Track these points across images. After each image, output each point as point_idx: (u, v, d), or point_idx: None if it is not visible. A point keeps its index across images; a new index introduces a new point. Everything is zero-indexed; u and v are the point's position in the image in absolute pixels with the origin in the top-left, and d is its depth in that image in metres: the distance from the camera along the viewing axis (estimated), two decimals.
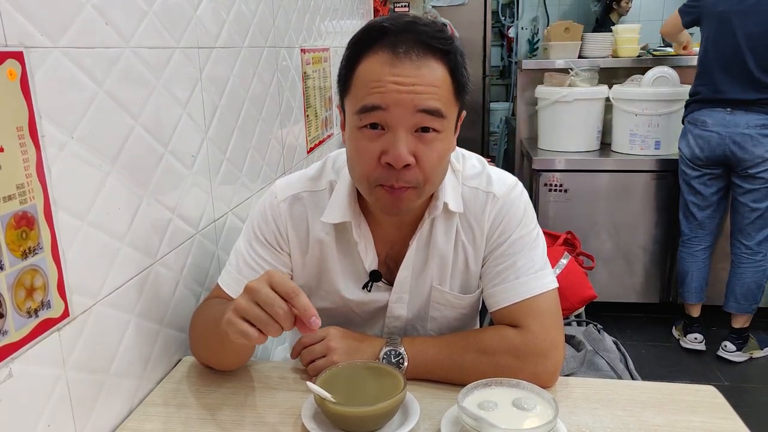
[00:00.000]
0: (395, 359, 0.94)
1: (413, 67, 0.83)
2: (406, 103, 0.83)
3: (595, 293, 1.76)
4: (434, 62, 0.84)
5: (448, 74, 0.86)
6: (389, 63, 0.83)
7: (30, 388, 0.72)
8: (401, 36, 0.84)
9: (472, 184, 1.01)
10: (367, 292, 1.03)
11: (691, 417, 0.87)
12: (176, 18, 1.06)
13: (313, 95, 1.92)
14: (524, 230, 0.99)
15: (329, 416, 0.83)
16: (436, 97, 0.84)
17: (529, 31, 4.68)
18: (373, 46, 0.85)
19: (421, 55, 0.84)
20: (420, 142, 0.86)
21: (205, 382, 1.00)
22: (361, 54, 0.86)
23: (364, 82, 0.85)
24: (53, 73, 0.74)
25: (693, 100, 2.56)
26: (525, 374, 0.89)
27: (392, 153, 0.84)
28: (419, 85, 0.83)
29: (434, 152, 0.87)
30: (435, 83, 0.84)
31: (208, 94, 1.18)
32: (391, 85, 0.83)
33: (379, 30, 0.85)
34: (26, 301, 0.70)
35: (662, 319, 2.97)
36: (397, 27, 0.85)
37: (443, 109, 0.85)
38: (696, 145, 2.52)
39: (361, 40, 0.87)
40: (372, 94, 0.84)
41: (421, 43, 0.84)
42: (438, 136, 0.87)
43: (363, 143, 0.87)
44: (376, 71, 0.84)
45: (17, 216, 0.68)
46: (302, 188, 1.03)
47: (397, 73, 0.83)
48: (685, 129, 2.60)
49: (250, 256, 1.02)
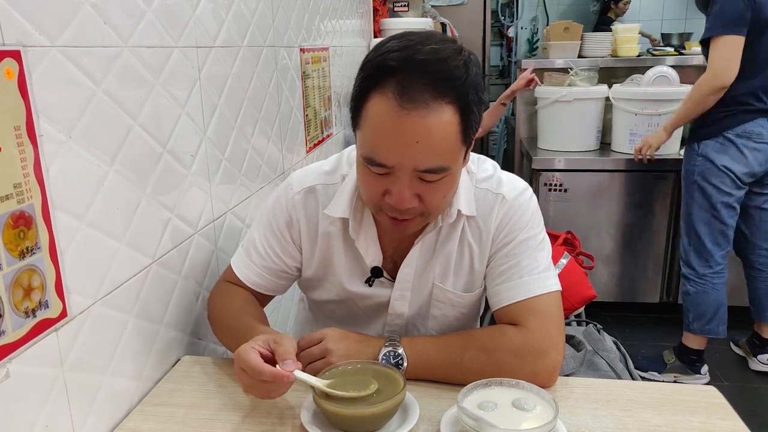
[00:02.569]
0: (394, 360, 0.94)
1: (419, 117, 0.79)
2: (409, 163, 0.82)
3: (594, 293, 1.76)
4: (444, 105, 0.80)
5: (457, 117, 0.81)
6: (395, 111, 0.79)
7: (27, 388, 0.72)
8: (409, 77, 0.79)
9: (483, 186, 1.01)
10: (368, 286, 1.03)
11: (690, 417, 0.87)
12: (175, 17, 1.06)
13: (312, 95, 1.92)
14: (531, 232, 0.99)
15: (328, 416, 0.83)
16: (440, 154, 0.82)
17: (529, 30, 4.68)
18: (380, 83, 0.81)
19: (430, 100, 0.79)
20: (424, 185, 0.85)
21: (203, 382, 1.00)
22: (370, 89, 0.82)
23: (372, 130, 0.83)
24: (51, 73, 0.74)
25: (741, 110, 2.19)
26: (524, 372, 0.89)
27: (395, 197, 0.85)
28: (423, 141, 0.80)
29: (439, 193, 0.87)
30: (441, 136, 0.81)
31: (206, 93, 1.18)
32: (395, 144, 0.81)
33: (386, 69, 0.80)
34: (24, 301, 0.70)
35: (662, 319, 2.97)
36: (407, 66, 0.79)
37: (447, 164, 0.84)
38: (755, 160, 2.21)
39: (369, 75, 0.83)
40: (377, 150, 0.83)
41: (431, 87, 0.79)
42: (443, 179, 0.86)
43: (369, 178, 0.87)
44: (382, 121, 0.81)
45: (15, 215, 0.68)
46: (317, 181, 1.04)
47: (401, 130, 0.80)
48: (732, 143, 2.22)
49: (262, 245, 1.06)
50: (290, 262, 1.07)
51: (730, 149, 2.23)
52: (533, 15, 4.67)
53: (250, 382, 0.83)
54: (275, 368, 0.81)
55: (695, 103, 2.21)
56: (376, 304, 1.06)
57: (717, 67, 2.11)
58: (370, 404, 0.81)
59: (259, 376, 0.81)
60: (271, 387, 0.82)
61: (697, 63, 3.13)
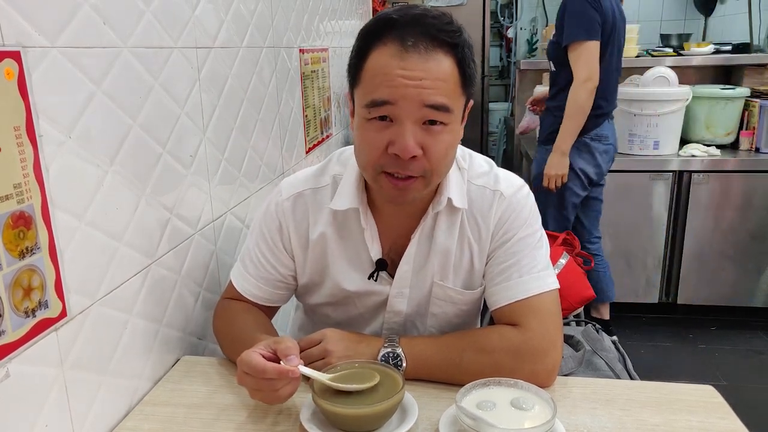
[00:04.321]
0: (393, 360, 0.94)
1: (421, 60, 0.83)
2: (414, 98, 0.84)
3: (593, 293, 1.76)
4: (442, 55, 0.85)
5: (455, 66, 0.86)
6: (398, 56, 0.84)
7: (27, 388, 0.72)
8: (410, 28, 0.84)
9: (479, 183, 1.02)
10: (372, 282, 1.03)
11: (689, 417, 0.87)
12: (174, 18, 1.06)
13: (311, 95, 1.92)
14: (529, 230, 1.00)
15: (328, 416, 0.83)
16: (443, 91, 0.85)
17: (528, 31, 4.68)
18: (382, 38, 0.86)
19: (429, 47, 0.84)
20: (427, 133, 0.87)
21: (203, 382, 1.00)
22: (371, 45, 0.87)
23: (373, 75, 0.86)
24: (51, 73, 0.74)
25: (595, 114, 2.32)
26: (523, 373, 0.89)
27: (399, 144, 0.85)
28: (426, 79, 0.84)
29: (441, 144, 0.88)
30: (442, 77, 0.85)
31: (206, 94, 1.18)
32: (400, 80, 0.84)
33: (388, 22, 0.86)
34: (24, 300, 0.70)
35: (661, 319, 2.97)
36: (406, 19, 0.85)
37: (450, 103, 0.86)
38: (603, 160, 2.41)
39: (370, 31, 0.88)
40: (380, 88, 0.85)
41: (429, 36, 0.84)
42: (445, 129, 0.88)
43: (371, 134, 0.88)
44: (385, 64, 0.85)
45: (14, 216, 0.68)
46: (306, 186, 1.05)
47: (405, 66, 0.83)
48: (587, 147, 2.37)
49: (256, 255, 1.06)
50: (284, 271, 1.06)
51: (584, 153, 2.38)
52: (533, 16, 4.67)
53: (255, 383, 0.83)
54: (278, 364, 0.82)
55: (578, 111, 2.27)
56: (375, 303, 1.06)
57: (589, 69, 2.22)
58: (369, 404, 0.81)
59: (262, 375, 0.81)
60: (276, 385, 0.82)
61: (696, 64, 3.13)
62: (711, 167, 2.75)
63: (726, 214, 2.78)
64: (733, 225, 2.79)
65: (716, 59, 3.12)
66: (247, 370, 0.82)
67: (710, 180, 2.76)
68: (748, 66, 3.04)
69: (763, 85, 2.97)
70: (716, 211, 2.79)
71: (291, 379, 0.82)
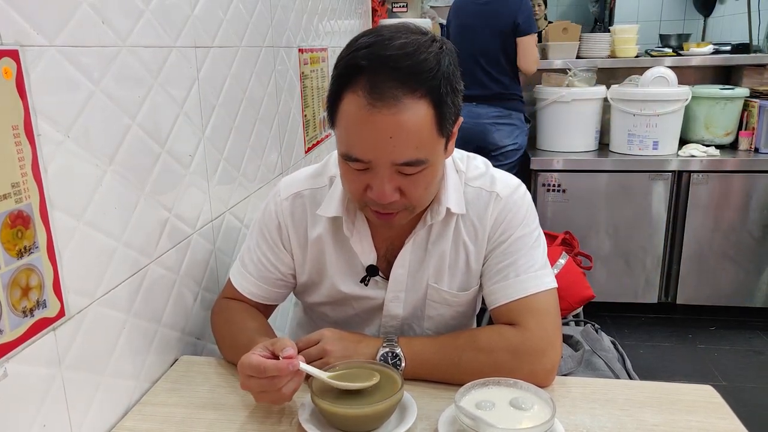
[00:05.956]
0: (392, 360, 0.94)
1: (390, 114, 0.79)
2: (385, 158, 0.82)
3: (593, 293, 1.76)
4: (415, 100, 0.80)
5: (431, 110, 0.81)
6: (366, 109, 0.79)
7: (25, 387, 0.72)
8: (379, 75, 0.79)
9: (475, 184, 1.01)
10: (364, 286, 1.03)
11: (688, 417, 0.87)
12: (173, 17, 1.06)
13: (310, 95, 1.92)
14: (526, 229, 0.99)
15: (326, 416, 0.83)
16: (415, 145, 0.82)
17: None
18: (351, 83, 0.81)
19: (399, 96, 0.79)
20: (404, 177, 0.85)
21: (201, 382, 1.00)
22: (342, 89, 0.83)
23: (346, 127, 0.84)
24: (49, 72, 0.74)
25: None
26: (522, 372, 0.89)
27: (376, 191, 0.85)
28: (397, 136, 0.80)
29: (420, 185, 0.87)
30: (414, 129, 0.80)
31: (205, 93, 1.18)
32: (369, 141, 0.81)
33: (356, 68, 0.81)
34: (21, 300, 0.70)
35: (660, 319, 2.97)
36: (375, 65, 0.79)
37: (423, 155, 0.83)
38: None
39: (341, 74, 0.83)
40: (352, 146, 0.84)
41: (399, 83, 0.79)
42: (424, 170, 0.85)
43: (350, 175, 0.88)
44: (355, 118, 0.81)
45: (12, 215, 0.68)
46: (304, 186, 1.05)
47: (374, 123, 0.80)
48: None
49: (256, 254, 1.06)
50: (284, 270, 1.07)
51: None
52: None
53: (258, 385, 0.83)
54: (278, 361, 0.81)
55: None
56: (371, 306, 1.06)
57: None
58: (368, 404, 0.81)
59: (263, 373, 0.81)
60: (279, 383, 0.82)
61: (696, 64, 3.13)
62: (710, 167, 2.75)
63: (725, 214, 2.78)
64: (732, 225, 2.79)
65: (715, 59, 3.12)
66: (248, 371, 0.82)
67: (709, 180, 2.76)
68: (747, 66, 3.04)
69: (762, 86, 2.97)
70: (715, 211, 2.79)
71: (293, 375, 0.82)
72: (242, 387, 0.85)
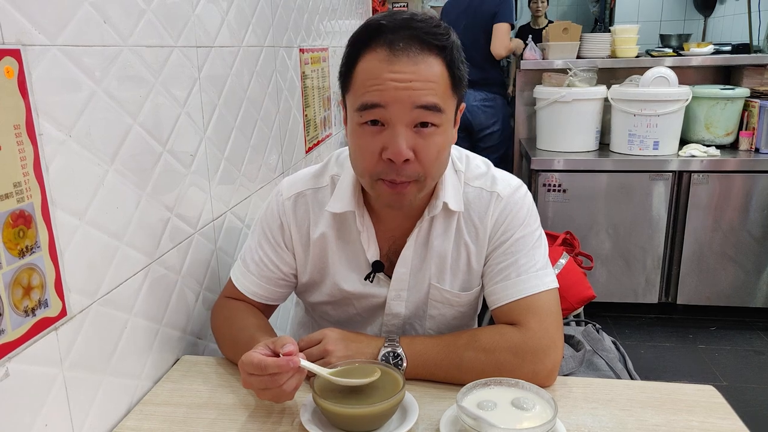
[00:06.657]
0: (394, 360, 0.94)
1: (410, 63, 0.84)
2: (404, 100, 0.84)
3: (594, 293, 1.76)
4: (431, 58, 0.86)
5: (445, 69, 0.87)
6: (387, 60, 0.85)
7: (27, 387, 0.72)
8: (398, 33, 0.85)
9: (476, 184, 1.02)
10: (369, 283, 1.04)
11: (689, 417, 0.87)
12: (175, 17, 1.06)
13: (311, 95, 1.92)
14: (527, 229, 1.00)
15: (328, 416, 0.83)
16: (433, 92, 0.86)
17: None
18: (371, 44, 0.86)
19: (418, 51, 0.85)
20: (419, 136, 0.87)
21: (203, 381, 1.00)
22: (360, 52, 0.88)
23: (364, 80, 0.87)
24: (51, 72, 0.74)
25: None
26: (524, 372, 0.90)
27: (392, 149, 0.86)
28: (417, 81, 0.84)
29: (433, 146, 0.88)
30: (432, 79, 0.85)
31: (206, 93, 1.18)
32: (390, 83, 0.84)
33: (376, 28, 0.87)
34: (23, 299, 0.70)
35: (661, 319, 2.97)
36: (394, 24, 0.86)
37: (441, 103, 0.86)
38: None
39: (359, 38, 0.88)
40: (371, 91, 0.85)
41: (418, 40, 0.85)
42: (437, 131, 0.88)
43: (364, 139, 0.89)
44: (375, 69, 0.85)
45: (14, 214, 0.68)
46: (306, 186, 1.05)
47: (394, 69, 0.84)
48: None
49: (258, 254, 1.06)
50: (286, 269, 1.07)
51: None
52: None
53: (260, 382, 0.83)
54: (278, 358, 0.82)
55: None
56: (373, 304, 1.06)
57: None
58: (369, 403, 0.81)
59: (264, 371, 0.81)
60: (280, 380, 0.82)
61: (696, 64, 3.13)
62: (711, 167, 2.75)
63: (726, 214, 2.78)
64: (732, 225, 2.79)
65: (716, 59, 3.12)
66: (250, 369, 0.82)
67: (710, 180, 2.76)
68: (747, 66, 3.04)
69: (762, 86, 2.96)
70: (716, 211, 2.79)
71: (294, 371, 0.82)
72: (244, 385, 0.85)
